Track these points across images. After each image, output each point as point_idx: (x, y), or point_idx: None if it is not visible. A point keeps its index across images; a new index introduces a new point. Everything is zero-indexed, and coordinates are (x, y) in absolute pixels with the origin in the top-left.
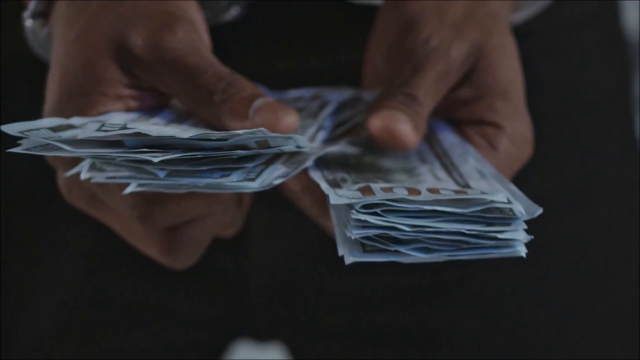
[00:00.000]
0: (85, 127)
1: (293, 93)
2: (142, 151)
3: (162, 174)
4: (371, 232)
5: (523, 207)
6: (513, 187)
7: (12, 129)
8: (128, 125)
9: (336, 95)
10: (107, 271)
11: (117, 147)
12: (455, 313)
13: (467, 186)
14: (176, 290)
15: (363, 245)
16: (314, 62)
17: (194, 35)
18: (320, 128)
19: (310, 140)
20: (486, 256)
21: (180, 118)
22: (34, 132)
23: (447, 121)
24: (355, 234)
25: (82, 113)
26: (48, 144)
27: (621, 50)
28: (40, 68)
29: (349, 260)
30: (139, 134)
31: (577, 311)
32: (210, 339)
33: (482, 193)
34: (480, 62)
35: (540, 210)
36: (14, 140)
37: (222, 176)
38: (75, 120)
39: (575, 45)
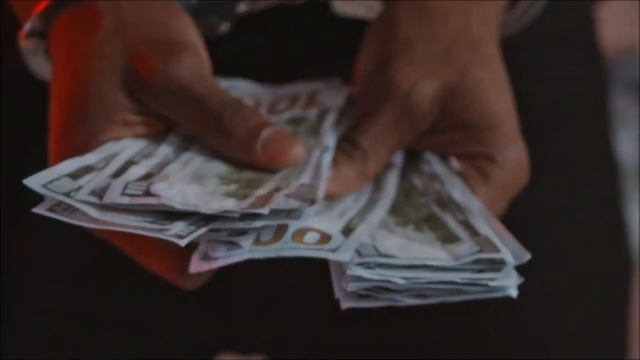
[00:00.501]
0: (104, 170)
1: (288, 89)
2: (164, 229)
3: (182, 243)
4: (366, 284)
5: (511, 253)
6: (499, 227)
7: (34, 183)
8: (152, 190)
9: (332, 100)
10: (92, 286)
11: (141, 215)
12: (442, 325)
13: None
14: (161, 304)
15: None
16: (303, 76)
17: (199, 62)
18: (324, 150)
19: (315, 167)
20: (479, 298)
21: (186, 142)
22: (55, 184)
23: (438, 155)
24: (351, 287)
25: (89, 140)
26: (70, 207)
27: (599, 65)
28: (40, 85)
29: (344, 305)
30: (163, 205)
31: (558, 322)
32: (194, 352)
33: (473, 243)
34: (457, 102)
35: (528, 256)
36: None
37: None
38: (90, 158)
39: (553, 61)
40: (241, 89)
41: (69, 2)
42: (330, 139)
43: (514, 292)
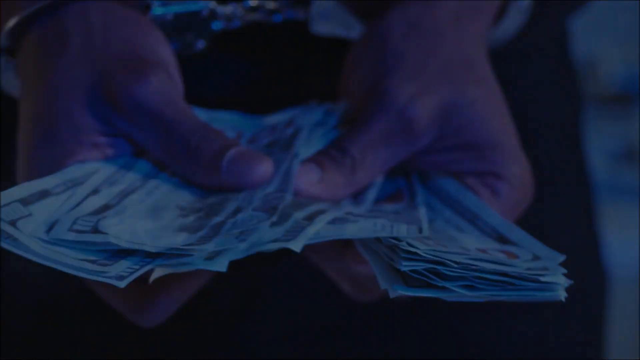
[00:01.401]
0: (61, 196)
1: (269, 120)
2: (104, 271)
3: (122, 284)
4: (420, 265)
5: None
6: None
7: None
8: (99, 226)
9: (308, 119)
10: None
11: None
12: (427, 345)
13: (506, 240)
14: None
15: (405, 279)
16: (280, 95)
17: (169, 84)
18: (293, 157)
19: (283, 175)
20: (527, 299)
21: (155, 168)
22: (4, 210)
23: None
24: (405, 265)
25: (58, 163)
26: (12, 236)
27: (572, 80)
28: (14, 102)
29: (394, 294)
30: (109, 243)
31: (535, 337)
32: None
33: (535, 258)
34: (455, 121)
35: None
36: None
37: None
38: (47, 182)
39: (526, 76)
40: (224, 121)
41: (36, 21)
42: (302, 147)
43: (563, 293)
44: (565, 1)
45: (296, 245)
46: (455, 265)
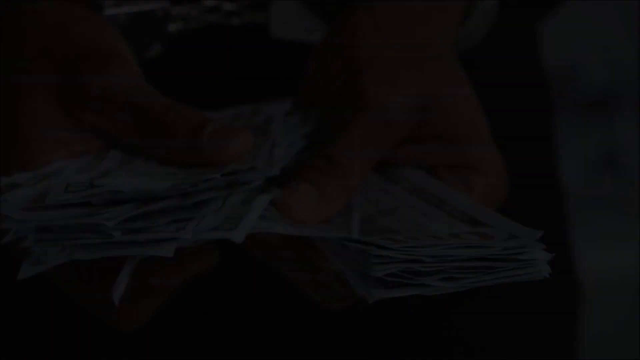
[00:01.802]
0: (33, 187)
1: (231, 112)
2: (94, 213)
3: (117, 234)
4: (394, 267)
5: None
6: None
7: None
8: (95, 182)
9: (277, 108)
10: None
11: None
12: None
13: (478, 222)
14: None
15: (383, 281)
16: (238, 98)
17: (132, 70)
18: (273, 145)
19: (266, 162)
20: (511, 279)
21: (128, 157)
22: None
23: (421, 167)
24: (378, 270)
25: (24, 163)
26: None
27: (543, 87)
28: None
29: (372, 298)
30: (110, 192)
31: (508, 348)
32: None
33: (511, 237)
34: (433, 112)
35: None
36: None
37: (177, 229)
38: (18, 178)
39: (496, 83)
40: None
41: None
42: (279, 135)
43: (546, 269)
44: (534, 6)
45: (237, 236)
46: (430, 260)
